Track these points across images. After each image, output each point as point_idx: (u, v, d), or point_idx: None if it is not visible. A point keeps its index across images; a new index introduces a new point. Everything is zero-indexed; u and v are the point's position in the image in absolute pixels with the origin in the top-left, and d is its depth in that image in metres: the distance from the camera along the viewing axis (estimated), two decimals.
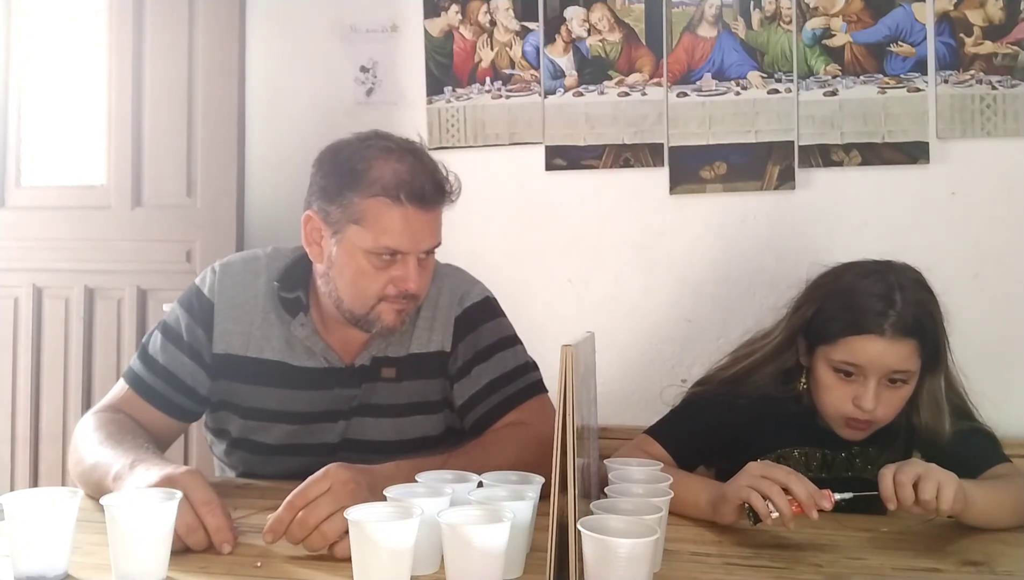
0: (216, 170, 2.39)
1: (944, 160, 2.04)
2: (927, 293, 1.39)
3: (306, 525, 1.06)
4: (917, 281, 1.40)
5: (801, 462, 1.45)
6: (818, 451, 1.46)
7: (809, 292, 1.47)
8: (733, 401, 1.47)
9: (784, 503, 1.13)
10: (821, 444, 1.46)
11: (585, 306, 2.21)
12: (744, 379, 1.49)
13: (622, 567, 0.87)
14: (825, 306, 1.41)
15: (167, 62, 2.43)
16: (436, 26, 2.28)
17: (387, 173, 1.32)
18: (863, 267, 1.42)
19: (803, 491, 1.13)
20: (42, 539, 0.98)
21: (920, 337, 1.34)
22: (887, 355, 1.33)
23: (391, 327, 1.40)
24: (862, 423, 1.38)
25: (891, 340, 1.33)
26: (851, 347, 1.35)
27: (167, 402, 1.43)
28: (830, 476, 1.45)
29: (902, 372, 1.35)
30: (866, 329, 1.33)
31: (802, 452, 1.46)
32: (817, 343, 1.41)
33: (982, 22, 2.02)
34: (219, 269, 1.49)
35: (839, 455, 1.45)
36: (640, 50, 2.18)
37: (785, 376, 1.47)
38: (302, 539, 1.06)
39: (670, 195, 2.16)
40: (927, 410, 1.41)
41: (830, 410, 1.40)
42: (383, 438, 1.46)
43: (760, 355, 1.50)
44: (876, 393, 1.34)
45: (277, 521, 1.07)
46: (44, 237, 2.51)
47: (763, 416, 1.45)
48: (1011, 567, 1.09)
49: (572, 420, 0.93)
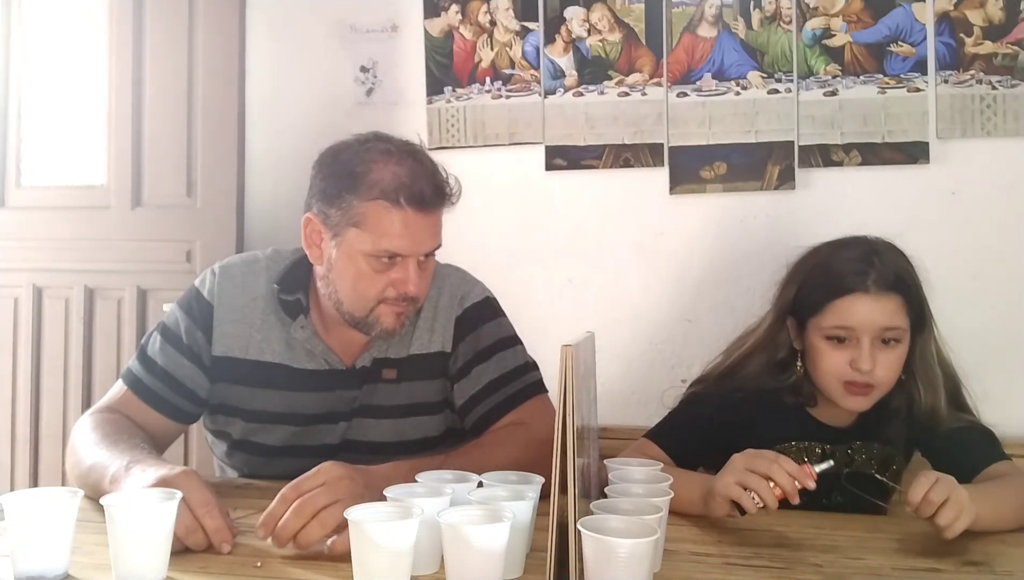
0: (216, 170, 2.39)
1: (944, 160, 2.04)
2: (903, 257, 1.43)
3: (302, 514, 1.05)
4: (891, 247, 1.43)
5: (800, 458, 1.45)
6: (817, 446, 1.46)
7: (790, 273, 1.50)
8: (729, 396, 1.48)
9: (769, 494, 1.15)
10: (820, 439, 1.46)
11: (585, 306, 2.21)
12: (738, 371, 1.50)
13: (622, 567, 0.87)
14: (807, 281, 1.45)
15: (167, 62, 2.43)
16: (436, 26, 2.28)
17: (386, 176, 1.32)
18: (838, 241, 1.47)
19: (785, 479, 1.15)
20: (42, 539, 0.98)
21: (904, 293, 1.38)
22: (874, 311, 1.36)
23: (390, 330, 1.40)
24: (862, 387, 1.38)
25: (876, 296, 1.36)
26: (838, 310, 1.38)
27: (166, 404, 1.43)
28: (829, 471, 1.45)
29: (893, 329, 1.37)
30: (850, 289, 1.37)
31: (800, 447, 1.46)
32: (806, 317, 1.43)
33: (982, 22, 2.02)
34: (219, 271, 1.48)
35: (839, 449, 1.45)
36: (640, 50, 2.18)
37: (779, 367, 1.48)
38: (298, 529, 1.05)
39: (670, 195, 2.16)
40: (923, 381, 1.42)
41: (829, 379, 1.41)
42: (384, 439, 1.46)
43: (752, 343, 1.51)
44: (871, 353, 1.36)
45: (269, 515, 1.07)
46: (44, 237, 2.51)
47: (760, 410, 1.45)
48: (1011, 567, 1.09)
49: (572, 420, 0.93)
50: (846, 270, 1.39)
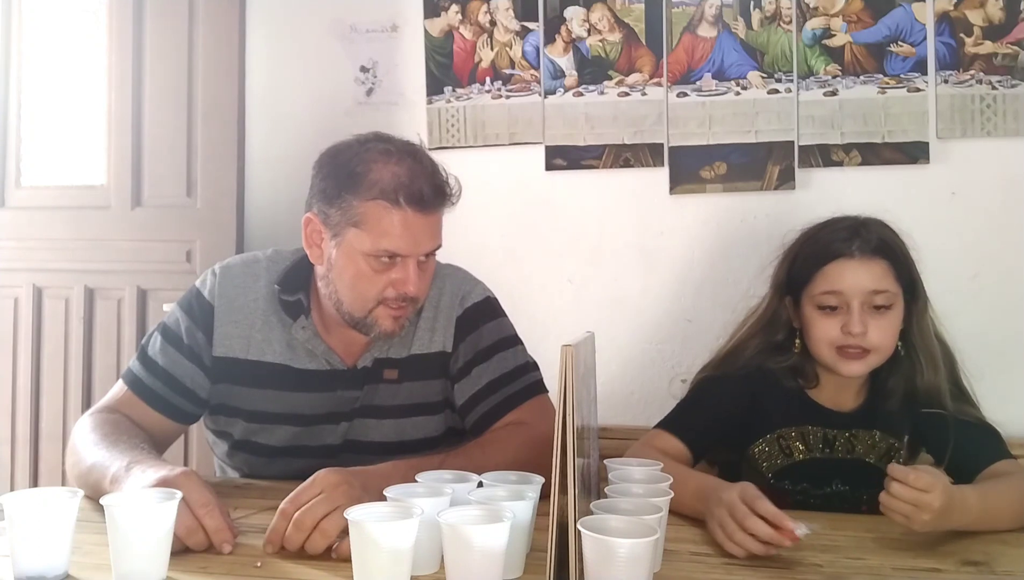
0: (216, 170, 2.39)
1: (944, 160, 2.04)
2: (889, 229, 1.46)
3: (303, 526, 1.06)
4: (878, 221, 1.47)
5: (802, 441, 1.46)
6: (820, 430, 1.46)
7: (784, 254, 1.54)
8: (733, 374, 1.49)
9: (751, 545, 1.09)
10: (820, 423, 1.46)
11: (585, 306, 2.21)
12: (740, 352, 1.52)
13: (622, 567, 0.87)
14: (797, 255, 1.49)
15: (167, 62, 2.43)
16: (436, 26, 2.28)
17: (386, 176, 1.32)
18: (827, 219, 1.50)
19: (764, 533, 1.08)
20: (42, 539, 0.98)
21: (890, 258, 1.41)
22: (860, 274, 1.39)
23: (389, 332, 1.40)
24: (855, 350, 1.40)
25: (861, 260, 1.40)
26: (826, 276, 1.41)
27: (166, 404, 1.43)
28: (831, 456, 1.45)
29: (881, 292, 1.39)
30: (836, 254, 1.41)
31: (802, 431, 1.46)
32: (799, 289, 1.46)
33: (982, 22, 2.02)
34: (219, 271, 1.48)
35: (841, 435, 1.46)
36: (640, 50, 2.18)
37: (778, 348, 1.49)
38: (302, 542, 1.06)
39: (670, 195, 2.16)
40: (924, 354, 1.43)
41: (822, 347, 1.43)
42: (385, 439, 1.46)
43: (752, 325, 1.54)
44: (861, 318, 1.38)
45: (273, 530, 1.08)
46: (44, 237, 2.51)
47: (763, 390, 1.47)
48: (1011, 567, 1.09)
49: (572, 420, 0.93)
50: (832, 238, 1.43)
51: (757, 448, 1.48)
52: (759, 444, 1.47)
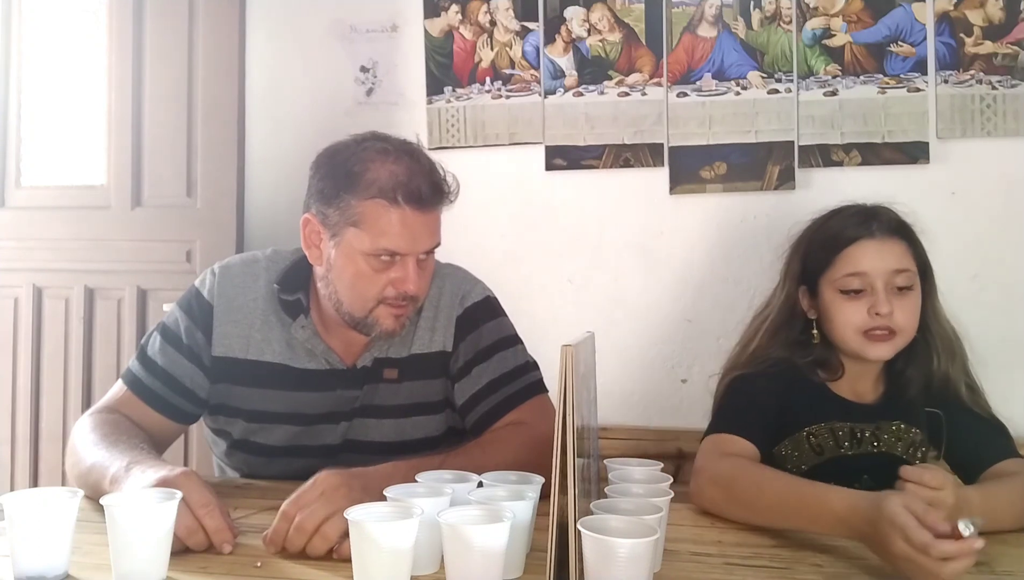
0: (216, 170, 2.39)
1: (944, 160, 2.04)
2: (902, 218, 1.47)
3: (304, 530, 1.06)
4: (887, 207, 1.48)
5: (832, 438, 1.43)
6: (847, 425, 1.44)
7: (792, 247, 1.53)
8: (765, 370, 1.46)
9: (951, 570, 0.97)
10: (845, 418, 1.44)
11: (585, 306, 2.21)
12: (765, 348, 1.50)
13: (622, 567, 0.87)
14: (810, 245, 1.49)
15: (167, 62, 2.43)
16: (436, 26, 2.28)
17: (383, 175, 1.32)
18: (833, 209, 1.51)
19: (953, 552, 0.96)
20: (42, 539, 0.98)
21: (908, 239, 1.42)
22: (883, 254, 1.40)
23: (389, 331, 1.39)
24: (883, 333, 1.39)
25: (881, 240, 1.41)
26: (848, 258, 1.41)
27: (165, 404, 1.43)
28: (859, 452, 1.43)
29: (903, 271, 1.40)
30: (856, 237, 1.42)
31: (830, 427, 1.44)
32: (817, 277, 1.45)
33: (982, 22, 2.02)
34: (218, 271, 1.48)
35: (868, 428, 1.43)
36: (640, 50, 2.18)
37: (799, 345, 1.47)
38: (303, 545, 1.06)
39: (670, 195, 2.16)
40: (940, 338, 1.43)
41: (847, 332, 1.41)
42: (385, 439, 1.46)
43: (769, 323, 1.51)
44: (887, 297, 1.38)
45: (274, 532, 1.08)
46: (44, 237, 2.52)
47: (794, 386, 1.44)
48: (1011, 567, 1.09)
49: (572, 420, 0.93)
50: (848, 223, 1.44)
51: (784, 450, 1.45)
52: (785, 445, 1.45)
